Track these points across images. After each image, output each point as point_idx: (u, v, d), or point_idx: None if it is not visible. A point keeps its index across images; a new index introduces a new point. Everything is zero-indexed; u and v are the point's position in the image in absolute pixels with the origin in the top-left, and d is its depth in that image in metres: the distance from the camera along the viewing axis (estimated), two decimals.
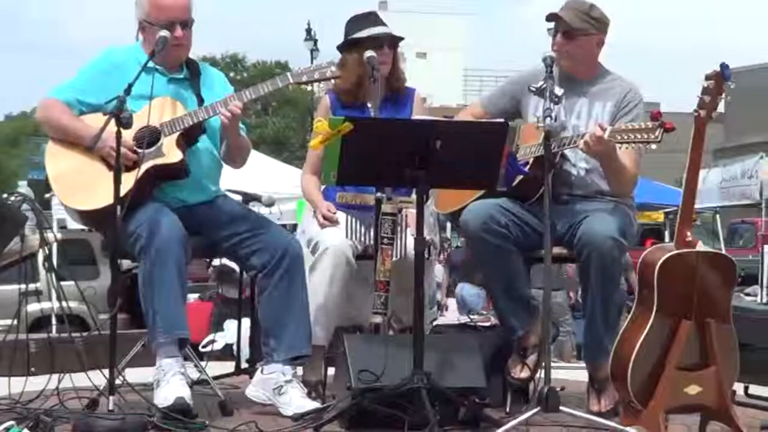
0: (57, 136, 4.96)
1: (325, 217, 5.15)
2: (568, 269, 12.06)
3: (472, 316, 5.63)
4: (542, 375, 4.56)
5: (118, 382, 4.61)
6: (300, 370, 5.08)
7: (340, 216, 5.18)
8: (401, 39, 5.40)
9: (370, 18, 5.42)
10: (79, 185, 4.86)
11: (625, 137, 4.68)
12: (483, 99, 5.51)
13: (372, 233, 5.04)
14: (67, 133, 4.91)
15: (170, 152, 4.84)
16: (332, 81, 5.16)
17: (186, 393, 4.64)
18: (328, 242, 5.06)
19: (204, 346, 10.50)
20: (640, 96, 5.14)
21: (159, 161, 4.82)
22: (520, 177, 4.92)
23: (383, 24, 5.39)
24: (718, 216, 20.90)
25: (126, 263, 5.03)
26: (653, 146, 4.64)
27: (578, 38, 5.05)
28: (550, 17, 5.10)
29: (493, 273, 5.05)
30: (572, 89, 5.03)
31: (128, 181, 4.61)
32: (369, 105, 5.32)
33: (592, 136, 4.73)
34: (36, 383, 5.06)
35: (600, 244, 4.76)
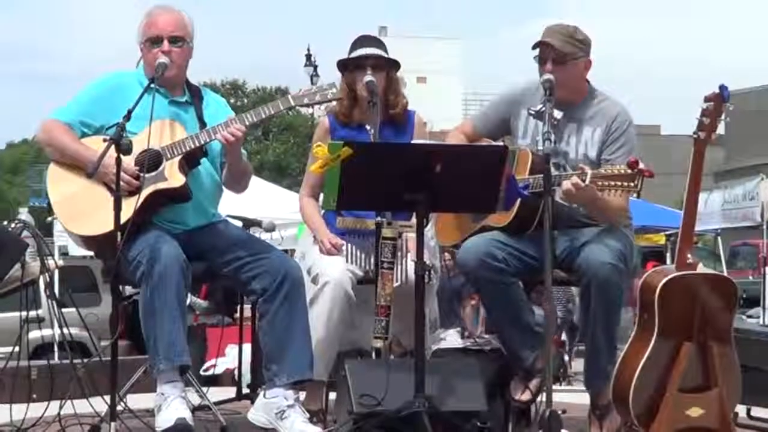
0: (59, 159, 4.96)
1: (328, 250, 5.15)
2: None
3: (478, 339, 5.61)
4: (544, 398, 4.56)
5: (119, 408, 4.61)
6: (302, 395, 5.07)
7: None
8: (394, 62, 5.40)
9: (361, 41, 5.43)
10: (82, 210, 4.85)
11: (606, 183, 4.66)
12: (475, 119, 5.48)
13: (372, 258, 5.04)
14: (70, 156, 4.91)
15: (173, 176, 4.84)
16: (333, 103, 5.16)
17: (187, 415, 4.63)
18: (328, 275, 5.05)
19: (206, 370, 10.50)
20: (629, 118, 5.11)
21: (161, 185, 4.82)
22: (519, 203, 4.92)
23: (376, 46, 5.39)
24: (719, 238, 20.90)
25: (128, 290, 5.04)
26: (634, 194, 4.67)
27: (568, 63, 4.99)
28: (537, 45, 5.03)
29: (497, 307, 5.05)
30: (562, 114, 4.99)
31: (131, 205, 4.63)
32: (368, 127, 5.33)
33: (574, 185, 4.71)
34: (37, 410, 5.05)
35: (598, 271, 4.76)
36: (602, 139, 5.05)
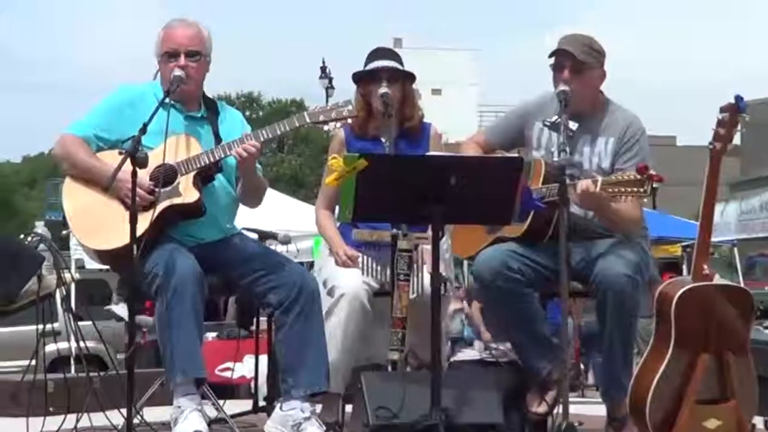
0: (74, 173, 4.97)
1: (344, 262, 5.15)
2: None
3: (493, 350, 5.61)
4: (560, 410, 4.55)
5: (136, 421, 4.61)
6: (319, 408, 5.07)
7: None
8: (409, 74, 5.40)
9: (376, 53, 5.43)
10: (97, 224, 4.86)
11: (616, 190, 4.67)
12: (488, 131, 5.49)
13: (388, 270, 5.04)
14: (85, 171, 4.92)
15: (187, 192, 4.85)
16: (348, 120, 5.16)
17: (203, 427, 4.64)
18: (343, 287, 5.05)
19: (222, 371, 10.49)
20: (641, 129, 5.12)
21: (176, 201, 4.83)
22: (533, 213, 4.91)
23: (391, 58, 5.39)
24: (735, 249, 20.83)
25: None
26: (644, 200, 4.67)
27: (585, 72, 5.01)
28: (556, 52, 5.05)
29: (513, 318, 5.04)
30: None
31: (145, 220, 4.63)
32: (383, 139, 5.33)
33: (584, 191, 4.72)
34: (54, 423, 5.06)
35: (615, 282, 4.75)
36: (615, 149, 5.05)
